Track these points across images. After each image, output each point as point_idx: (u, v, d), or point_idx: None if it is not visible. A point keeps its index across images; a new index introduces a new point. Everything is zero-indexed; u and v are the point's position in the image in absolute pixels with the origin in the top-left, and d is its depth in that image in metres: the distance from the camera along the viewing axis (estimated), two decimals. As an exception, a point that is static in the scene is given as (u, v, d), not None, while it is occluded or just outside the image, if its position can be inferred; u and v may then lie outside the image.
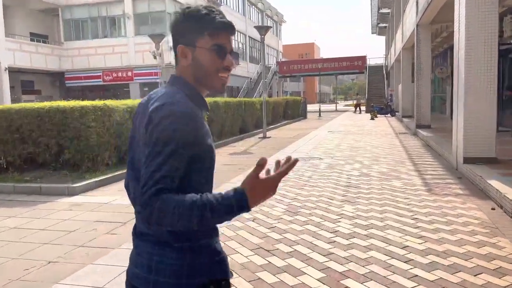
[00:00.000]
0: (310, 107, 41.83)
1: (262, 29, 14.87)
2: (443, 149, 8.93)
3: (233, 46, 1.33)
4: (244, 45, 40.39)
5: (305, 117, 28.78)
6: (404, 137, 13.39)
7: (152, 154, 1.13)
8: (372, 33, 48.59)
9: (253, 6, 42.69)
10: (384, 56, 44.18)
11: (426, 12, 12.23)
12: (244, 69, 39.59)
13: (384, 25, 40.80)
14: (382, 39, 51.25)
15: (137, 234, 1.30)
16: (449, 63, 20.68)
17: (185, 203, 1.09)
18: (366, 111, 33.55)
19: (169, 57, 23.82)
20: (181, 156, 1.14)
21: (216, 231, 1.30)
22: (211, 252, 1.26)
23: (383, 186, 6.19)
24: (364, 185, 6.34)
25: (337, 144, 11.80)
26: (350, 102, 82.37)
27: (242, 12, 39.28)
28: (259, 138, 14.67)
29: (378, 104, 29.37)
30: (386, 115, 27.38)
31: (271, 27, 17.25)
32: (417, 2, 13.91)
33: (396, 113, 26.91)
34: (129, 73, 25.78)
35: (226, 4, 34.79)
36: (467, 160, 6.76)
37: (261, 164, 1.12)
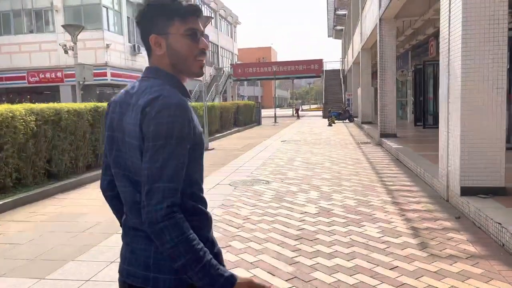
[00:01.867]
0: (267, 112, 39.98)
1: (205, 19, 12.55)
2: (421, 169, 7.02)
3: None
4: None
5: (259, 123, 26.72)
6: (367, 148, 11.55)
7: (154, 148, 1.11)
8: (329, 36, 47.57)
9: (205, 5, 40.27)
10: (341, 60, 43.20)
11: (391, 3, 10.47)
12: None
13: (341, 27, 39.76)
14: (338, 43, 50.49)
15: (129, 230, 1.26)
16: (410, 65, 19.32)
17: (191, 242, 1.09)
18: (323, 117, 32.04)
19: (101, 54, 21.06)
20: (184, 148, 1.14)
21: (211, 223, 1.28)
22: (208, 245, 1.21)
23: (352, 238, 4.07)
24: (324, 235, 4.19)
25: (290, 159, 9.72)
26: (306, 107, 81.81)
27: (192, 11, 36.74)
28: (199, 150, 12.32)
29: (336, 110, 27.82)
30: (344, 121, 25.87)
31: (212, 17, 15.05)
32: (379, -6, 12.18)
33: (355, 119, 25.46)
34: (59, 74, 22.63)
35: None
36: (466, 192, 4.80)
37: (267, 287, 1.18)
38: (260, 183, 7.03)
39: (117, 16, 24.14)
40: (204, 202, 1.27)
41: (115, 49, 23.42)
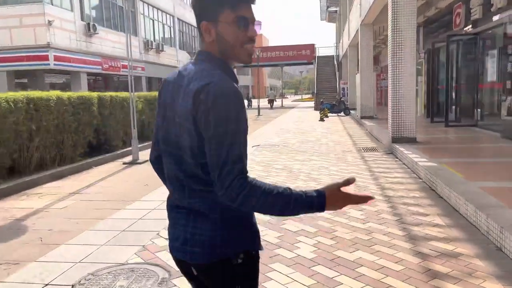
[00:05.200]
0: (256, 103, 35.97)
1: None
2: (500, 233, 3.12)
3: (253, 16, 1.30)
4: (172, 28, 33.63)
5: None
6: (375, 161, 7.67)
7: (218, 136, 1.14)
8: (322, 19, 43.38)
9: (185, -16, 35.94)
10: (335, 45, 39.13)
11: None
12: (172, 57, 32.91)
13: (335, 9, 35.62)
14: (332, 28, 46.39)
15: (172, 207, 1.34)
16: (422, 45, 15.36)
17: (272, 192, 1.16)
18: (315, 109, 28.10)
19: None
20: (242, 132, 1.18)
21: None
22: (245, 223, 1.28)
23: None
24: None
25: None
26: (299, 97, 77.83)
27: (168, -11, 32.40)
28: (124, 163, 8.33)
29: (329, 101, 23.87)
30: (338, 114, 21.96)
31: None
32: None
33: (352, 112, 21.55)
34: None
35: (144, -25, 27.97)
36: None
37: (350, 181, 1.22)
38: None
39: (64, -13, 19.81)
40: None
41: (61, 28, 19.19)
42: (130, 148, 8.56)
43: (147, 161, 8.51)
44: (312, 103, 36.98)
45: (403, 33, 8.39)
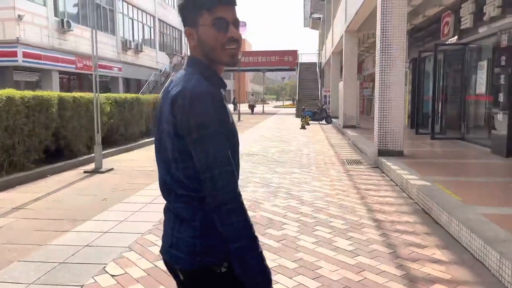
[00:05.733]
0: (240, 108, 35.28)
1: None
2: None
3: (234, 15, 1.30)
4: (152, 29, 32.68)
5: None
6: (361, 175, 7.08)
7: (201, 139, 1.14)
8: (305, 26, 43.12)
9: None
10: (318, 52, 38.87)
11: None
12: (151, 59, 31.95)
13: (318, 16, 35.38)
14: (315, 35, 46.27)
15: (165, 210, 1.35)
16: (406, 54, 14.98)
17: (251, 229, 1.17)
18: (297, 116, 27.61)
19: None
20: (226, 133, 1.18)
21: None
22: None
23: None
24: None
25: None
26: (280, 103, 77.56)
27: (149, -11, 31.46)
28: (85, 172, 7.49)
29: (310, 109, 23.38)
30: (320, 122, 21.48)
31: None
32: None
33: (334, 120, 21.10)
34: None
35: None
36: None
37: None
38: None
39: (36, -20, 18.73)
40: None
41: (32, 23, 18.15)
42: (109, 151, 7.71)
43: (111, 169, 7.70)
44: (293, 110, 36.53)
45: (393, 39, 7.86)
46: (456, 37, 10.41)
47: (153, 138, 7.72)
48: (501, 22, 7.94)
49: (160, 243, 3.45)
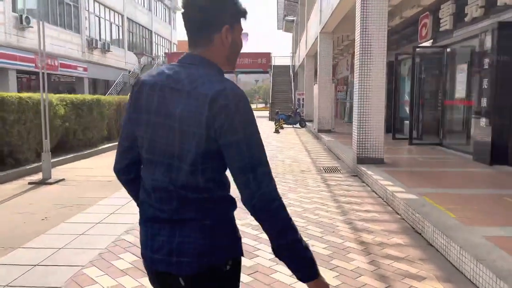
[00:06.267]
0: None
1: None
2: None
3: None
4: (120, 28, 31.43)
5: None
6: (339, 184, 6.50)
7: (246, 139, 1.13)
8: (278, 28, 42.76)
9: (135, -18, 33.89)
10: (291, 54, 38.54)
11: None
12: (120, 59, 30.68)
13: (292, 18, 35.07)
14: (288, 38, 46.00)
15: (148, 219, 1.24)
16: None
17: (294, 224, 1.16)
18: (270, 119, 27.07)
19: None
20: (259, 134, 1.18)
21: (235, 207, 1.26)
22: (232, 230, 1.24)
23: None
24: None
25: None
26: (253, 106, 77.08)
27: (117, -14, 30.21)
28: (30, 183, 6.58)
29: (284, 112, 22.88)
30: (294, 126, 20.99)
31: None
32: None
33: (308, 124, 20.64)
34: None
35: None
36: None
37: None
38: None
39: (-11, -29, 17.40)
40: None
41: (-14, 18, 16.82)
42: (62, 158, 6.76)
43: (62, 180, 6.82)
44: (266, 113, 35.99)
45: (373, 39, 7.37)
46: (432, 40, 10.09)
47: (116, 143, 6.55)
48: (483, 23, 7.58)
49: (104, 276, 2.85)
